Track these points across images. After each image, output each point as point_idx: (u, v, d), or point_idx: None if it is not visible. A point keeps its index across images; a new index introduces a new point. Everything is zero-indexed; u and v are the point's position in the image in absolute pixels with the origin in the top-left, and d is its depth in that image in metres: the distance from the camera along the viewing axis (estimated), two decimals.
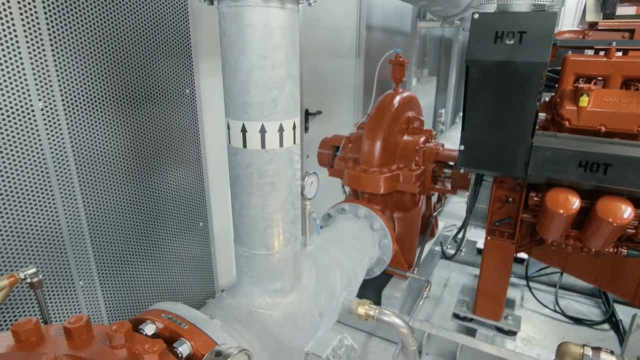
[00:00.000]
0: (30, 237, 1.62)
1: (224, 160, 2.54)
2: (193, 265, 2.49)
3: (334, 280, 1.93)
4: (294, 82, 1.44)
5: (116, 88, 1.84)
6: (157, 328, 1.32)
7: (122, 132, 1.90)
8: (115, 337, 1.17)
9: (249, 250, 1.58)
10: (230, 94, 1.42)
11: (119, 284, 2.03)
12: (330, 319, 1.89)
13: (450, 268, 3.78)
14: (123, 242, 2.01)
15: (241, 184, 1.50)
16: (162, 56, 2.04)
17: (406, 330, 1.87)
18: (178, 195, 2.29)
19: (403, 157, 2.77)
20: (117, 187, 1.93)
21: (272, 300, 1.61)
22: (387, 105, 2.82)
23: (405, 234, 2.90)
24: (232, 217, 1.62)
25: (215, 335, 1.27)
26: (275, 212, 1.53)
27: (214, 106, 2.39)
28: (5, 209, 1.52)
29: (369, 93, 4.54)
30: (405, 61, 2.91)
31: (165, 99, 2.10)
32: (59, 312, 1.78)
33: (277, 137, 1.43)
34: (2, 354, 1.13)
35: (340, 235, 2.32)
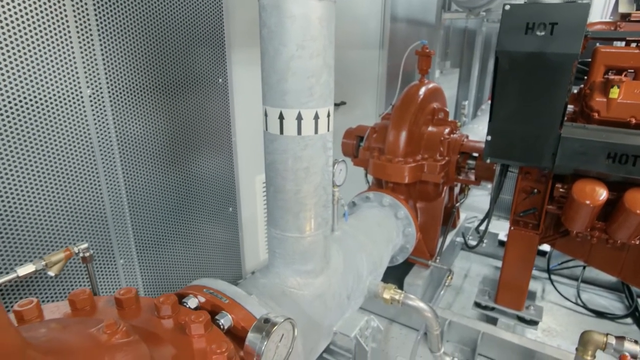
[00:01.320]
0: (80, 216, 1.73)
1: (252, 148, 2.64)
2: (222, 249, 2.59)
3: (360, 264, 1.99)
4: (329, 71, 1.50)
5: (155, 77, 1.93)
6: (199, 302, 1.41)
7: (159, 119, 1.99)
8: (162, 308, 1.27)
9: (283, 233, 1.65)
10: (268, 83, 1.48)
11: (154, 264, 2.14)
12: (357, 302, 1.95)
13: (471, 259, 3.80)
14: (159, 224, 2.11)
15: (277, 169, 1.56)
16: (198, 46, 2.11)
17: (430, 314, 1.93)
18: (209, 181, 2.38)
19: (428, 147, 2.80)
20: (154, 171, 2.03)
21: (303, 281, 1.69)
22: (413, 96, 2.85)
23: (427, 223, 2.94)
24: (266, 200, 1.70)
25: (254, 309, 1.35)
26: (309, 196, 1.59)
27: (244, 95, 2.47)
28: (60, 189, 1.63)
29: (392, 84, 4.57)
30: (431, 52, 2.92)
31: (199, 87, 2.18)
32: (102, 287, 1.90)
33: (312, 124, 1.49)
34: (63, 319, 1.24)
35: (365, 222, 2.37)
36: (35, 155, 1.54)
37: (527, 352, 2.37)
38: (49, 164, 1.59)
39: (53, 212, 1.64)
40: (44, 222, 1.61)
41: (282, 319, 0.96)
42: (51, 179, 1.60)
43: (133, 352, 1.02)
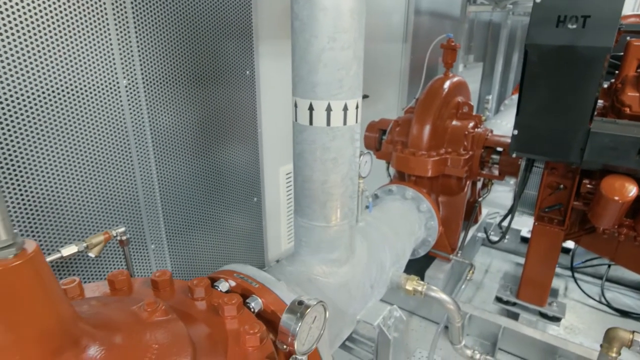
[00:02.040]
0: (116, 202, 1.81)
1: (277, 139, 2.68)
2: (246, 238, 2.65)
3: (383, 255, 2.02)
4: (359, 63, 1.52)
5: (185, 69, 1.98)
6: (230, 286, 1.46)
7: (189, 109, 2.05)
8: (196, 291, 1.32)
9: (309, 222, 1.69)
10: (299, 74, 1.51)
11: (183, 250, 2.21)
12: (380, 292, 1.98)
13: (492, 255, 3.78)
14: (187, 212, 2.18)
15: (305, 159, 1.60)
16: (226, 39, 2.16)
17: (453, 306, 1.94)
18: (235, 171, 2.43)
19: (451, 141, 2.80)
20: (184, 161, 2.09)
21: (328, 269, 1.72)
22: (437, 89, 2.84)
23: (449, 217, 2.94)
24: (293, 190, 1.73)
25: (283, 294, 1.40)
26: (336, 186, 1.62)
27: (270, 87, 2.51)
28: (99, 176, 1.70)
29: (415, 77, 4.55)
30: (457, 46, 2.90)
31: (227, 79, 2.23)
32: (134, 270, 1.97)
33: (341, 115, 1.52)
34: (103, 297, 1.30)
35: (388, 214, 2.40)
36: (78, 143, 1.61)
37: (549, 348, 2.36)
38: (90, 151, 1.66)
39: (92, 198, 1.71)
40: (84, 207, 1.69)
41: (315, 301, 1.00)
42: (91, 165, 1.68)
43: (172, 329, 1.07)
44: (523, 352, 2.50)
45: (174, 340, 1.02)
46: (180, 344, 1.02)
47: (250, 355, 1.09)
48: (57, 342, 0.84)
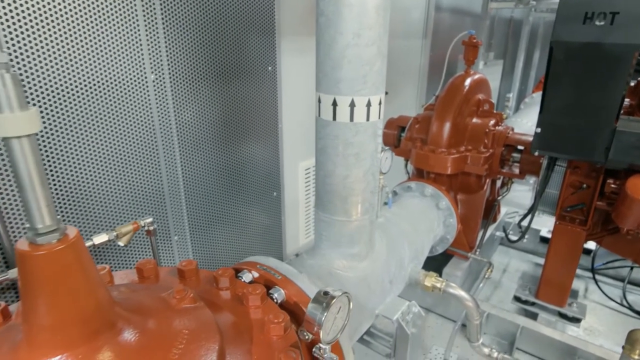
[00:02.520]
0: (142, 194, 1.86)
1: (297, 135, 2.71)
2: (265, 232, 2.69)
3: (402, 251, 2.03)
4: (383, 60, 1.53)
5: (209, 64, 2.02)
6: (253, 277, 1.49)
7: (212, 104, 2.09)
8: (221, 280, 1.36)
9: (331, 216, 1.71)
10: (323, 70, 1.53)
11: (204, 242, 2.25)
12: (398, 287, 1.99)
13: (510, 255, 3.74)
14: (209, 205, 2.23)
15: (328, 154, 1.62)
16: (249, 35, 2.19)
17: (471, 303, 1.94)
18: (256, 166, 2.47)
19: (471, 139, 2.78)
20: (206, 155, 2.13)
21: (348, 264, 1.74)
22: (458, 87, 2.83)
23: (468, 215, 2.93)
24: (315, 184, 1.76)
25: (305, 286, 1.42)
26: (358, 182, 1.64)
27: (292, 83, 2.53)
28: (127, 167, 1.75)
29: (434, 75, 4.52)
30: (479, 43, 2.88)
31: (249, 75, 2.26)
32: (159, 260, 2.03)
33: (364, 111, 1.53)
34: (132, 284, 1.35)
35: (407, 211, 2.40)
36: (108, 136, 1.66)
37: (568, 349, 2.34)
38: (119, 144, 1.71)
39: (121, 189, 1.77)
40: (113, 197, 1.74)
41: (340, 292, 1.02)
42: (120, 157, 1.73)
43: (200, 316, 1.11)
44: (541, 352, 2.48)
45: (202, 327, 1.06)
46: (208, 330, 1.05)
47: (275, 344, 1.12)
48: (95, 324, 0.88)
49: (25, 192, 0.77)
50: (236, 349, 1.07)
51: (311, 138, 2.80)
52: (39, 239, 0.80)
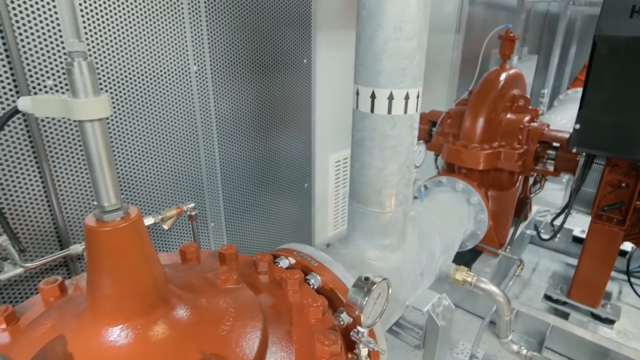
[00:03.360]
0: (182, 181, 1.93)
1: (329, 128, 2.74)
2: (295, 223, 2.74)
3: (434, 244, 2.04)
4: (422, 53, 1.54)
5: (248, 56, 2.06)
6: (290, 263, 1.54)
7: (249, 96, 2.14)
8: (260, 265, 1.41)
9: (365, 207, 1.73)
10: (363, 62, 1.55)
11: (238, 230, 2.32)
12: (429, 280, 2.01)
13: (540, 254, 3.68)
14: (244, 194, 2.29)
15: (364, 146, 1.64)
16: (286, 28, 2.22)
17: (503, 299, 1.94)
18: (289, 157, 2.51)
19: (505, 135, 2.74)
20: (243, 145, 2.19)
21: (381, 254, 1.77)
22: (493, 81, 2.79)
23: (499, 212, 2.90)
24: (350, 175, 1.78)
25: (340, 274, 1.46)
26: (393, 174, 1.66)
27: (326, 76, 2.56)
28: (170, 155, 1.83)
29: (466, 69, 4.45)
30: (516, 37, 2.83)
31: (285, 67, 2.30)
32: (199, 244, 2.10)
33: (402, 104, 1.55)
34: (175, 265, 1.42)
35: (439, 205, 2.40)
36: (154, 123, 1.74)
37: (600, 350, 2.30)
38: (163, 131, 1.79)
39: (163, 175, 1.84)
40: (156, 182, 1.82)
41: (380, 278, 1.05)
42: (164, 144, 1.81)
43: (243, 296, 1.16)
44: (571, 353, 2.45)
45: (246, 306, 1.11)
46: (252, 310, 1.10)
47: (313, 327, 1.16)
48: (151, 298, 0.94)
49: (95, 172, 0.83)
50: (277, 329, 1.12)
51: (342, 131, 2.84)
52: (105, 216, 0.86)
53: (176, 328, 0.94)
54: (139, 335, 0.90)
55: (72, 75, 0.76)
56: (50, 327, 0.98)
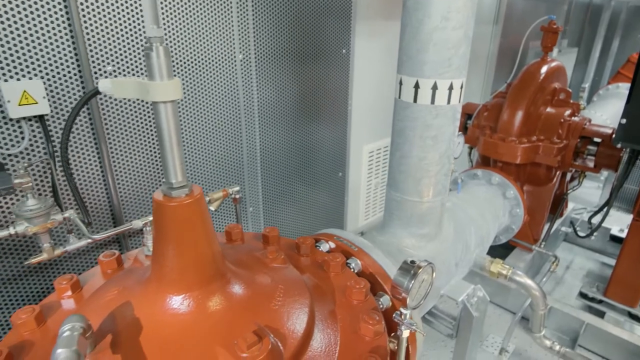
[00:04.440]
0: (225, 164, 2.00)
1: (364, 118, 2.75)
2: (328, 211, 2.79)
3: (469, 236, 2.04)
4: (468, 43, 1.54)
5: (289, 45, 2.10)
6: (330, 247, 1.59)
7: (289, 84, 2.18)
8: (302, 247, 1.46)
9: (403, 196, 1.76)
10: (407, 53, 1.56)
11: (274, 216, 2.39)
12: (463, 271, 2.02)
13: (574, 252, 3.61)
14: (281, 180, 2.35)
15: (406, 135, 1.66)
16: (327, 18, 2.25)
17: (538, 293, 1.93)
18: (325, 145, 2.55)
19: (544, 129, 2.69)
20: (282, 132, 2.24)
21: (417, 243, 1.79)
22: (533, 74, 2.74)
23: (534, 208, 2.86)
24: (389, 165, 1.81)
25: (380, 259, 1.50)
26: (433, 164, 1.67)
27: (363, 66, 2.57)
28: (214, 139, 1.90)
29: (503, 62, 4.36)
30: (559, 29, 2.76)
31: (325, 57, 2.33)
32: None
33: (446, 94, 1.56)
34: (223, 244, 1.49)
35: (474, 197, 2.39)
36: (202, 109, 1.81)
37: (636, 350, 2.26)
38: (209, 117, 1.86)
39: (208, 159, 1.92)
40: (202, 166, 1.90)
41: (426, 262, 1.08)
42: (209, 129, 1.88)
43: (290, 275, 1.21)
44: (606, 352, 2.41)
45: (294, 284, 1.16)
46: (300, 288, 1.15)
47: (356, 308, 1.20)
48: (210, 272, 1.00)
49: (165, 151, 0.89)
50: (321, 308, 1.17)
51: (377, 122, 2.86)
52: (173, 192, 0.92)
53: (232, 300, 1.01)
54: (200, 305, 0.96)
55: (149, 59, 0.82)
56: (116, 294, 1.06)
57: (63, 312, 1.16)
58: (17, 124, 1.35)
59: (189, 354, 0.89)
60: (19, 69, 1.32)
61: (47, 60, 1.37)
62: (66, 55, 1.40)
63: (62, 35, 1.38)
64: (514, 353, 2.52)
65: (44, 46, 1.35)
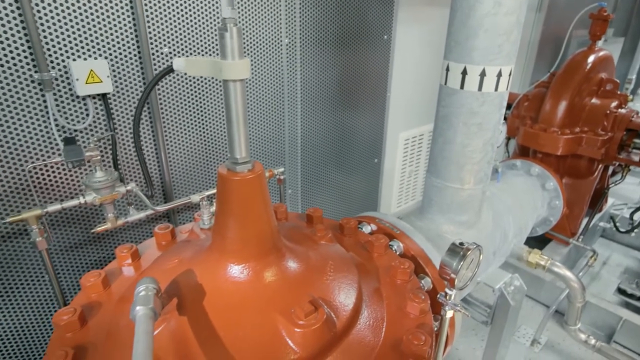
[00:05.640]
0: (267, 146, 2.06)
1: (402, 106, 2.75)
2: (362, 197, 2.82)
3: (507, 226, 2.04)
4: (519, 29, 1.52)
5: (333, 30, 2.12)
6: (372, 229, 1.63)
7: (331, 69, 2.21)
8: (346, 228, 1.50)
9: (444, 182, 1.77)
10: (456, 38, 1.56)
11: (311, 199, 2.44)
12: (500, 260, 2.02)
13: (612, 248, 3.52)
14: (319, 164, 2.39)
15: (450, 122, 1.67)
16: (370, 3, 2.25)
17: (577, 285, 1.92)
18: (362, 131, 2.57)
19: (588, 120, 2.63)
20: (322, 117, 2.28)
21: (456, 230, 1.81)
22: (580, 63, 2.66)
23: (573, 201, 2.80)
24: (431, 150, 1.82)
25: (421, 242, 1.53)
26: (477, 151, 1.67)
27: (404, 53, 2.56)
28: (259, 121, 1.95)
29: (545, 50, 4.23)
30: (609, 16, 2.66)
31: (366, 42, 2.33)
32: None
33: (494, 81, 1.55)
34: None
35: (513, 188, 2.37)
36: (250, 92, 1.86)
37: None
38: (255, 99, 1.91)
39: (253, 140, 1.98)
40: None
41: (474, 245, 1.10)
42: (255, 113, 1.93)
43: (338, 252, 1.26)
44: None
45: (342, 261, 1.21)
46: (348, 265, 1.20)
47: (400, 287, 1.24)
48: (268, 244, 1.05)
49: (232, 128, 0.94)
50: (366, 285, 1.21)
51: (414, 110, 2.85)
52: (237, 167, 0.97)
53: (287, 272, 1.06)
54: (258, 275, 1.02)
55: (223, 39, 0.86)
56: (177, 263, 1.13)
57: (124, 279, 1.25)
58: (82, 102, 1.44)
59: (250, 319, 0.95)
60: (86, 49, 1.39)
61: (110, 42, 1.44)
62: (128, 37, 1.47)
63: (125, 18, 1.45)
64: (545, 345, 2.51)
65: (109, 28, 1.42)
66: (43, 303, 1.58)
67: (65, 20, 1.33)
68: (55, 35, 1.33)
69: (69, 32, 1.35)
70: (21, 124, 1.34)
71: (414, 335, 1.01)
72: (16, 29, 1.26)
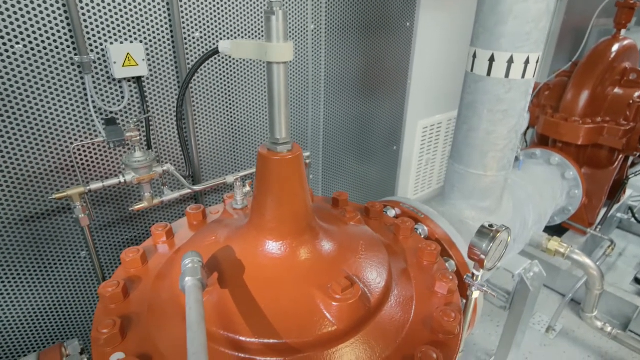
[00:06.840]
0: (291, 130, 2.09)
1: (422, 94, 2.76)
2: (380, 183, 2.85)
3: (527, 213, 2.06)
4: (548, 17, 1.52)
5: (356, 17, 2.13)
6: (396, 213, 1.66)
7: (354, 56, 2.22)
8: (372, 211, 1.53)
9: (467, 169, 1.79)
10: (484, 25, 1.57)
11: (332, 184, 2.47)
12: (519, 247, 2.05)
13: (628, 239, 3.51)
14: (340, 151, 2.42)
15: (475, 108, 1.68)
16: None
17: (596, 272, 1.94)
18: (382, 118, 2.59)
19: (610, 110, 2.61)
20: (344, 103, 2.30)
21: (477, 216, 1.83)
22: (603, 52, 2.64)
23: (592, 191, 2.80)
24: (454, 137, 1.84)
25: (445, 226, 1.56)
26: (501, 138, 1.69)
27: (426, 40, 2.56)
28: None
29: (565, 39, 4.18)
30: (636, 4, 2.62)
31: (388, 29, 2.34)
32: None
33: (521, 68, 1.56)
34: None
35: (533, 176, 2.38)
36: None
37: None
38: None
39: None
40: (266, 133, 2.00)
41: (504, 227, 1.13)
42: None
43: (367, 233, 1.30)
44: None
45: (372, 242, 1.25)
46: (377, 245, 1.24)
47: (426, 268, 1.28)
48: (304, 223, 1.09)
49: (273, 109, 0.98)
50: (395, 265, 1.25)
51: (434, 98, 2.85)
52: (277, 147, 1.01)
53: (322, 250, 1.10)
54: (295, 251, 1.06)
55: (269, 22, 0.89)
56: (214, 240, 1.18)
57: (160, 255, 1.30)
58: (118, 84, 1.48)
59: (289, 293, 1.00)
60: (122, 32, 1.43)
61: (146, 26, 1.48)
62: (162, 21, 1.51)
63: (159, 2, 1.48)
64: (560, 332, 2.54)
65: (144, 12, 1.46)
66: (78, 279, 1.65)
67: (104, 4, 1.37)
68: (94, 19, 1.37)
69: (107, 15, 1.39)
70: (61, 105, 1.39)
71: (444, 312, 1.05)
72: (58, 13, 1.30)
